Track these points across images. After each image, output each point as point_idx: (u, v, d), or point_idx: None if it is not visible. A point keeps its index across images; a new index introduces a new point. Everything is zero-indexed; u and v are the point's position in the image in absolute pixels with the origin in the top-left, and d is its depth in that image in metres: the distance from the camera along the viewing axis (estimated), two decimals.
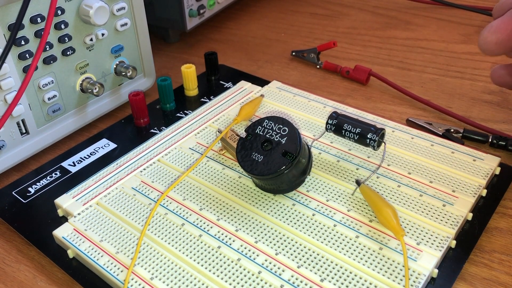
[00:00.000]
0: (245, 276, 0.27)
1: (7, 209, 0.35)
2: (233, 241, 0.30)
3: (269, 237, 0.30)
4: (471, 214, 0.31)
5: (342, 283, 0.27)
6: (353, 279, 0.27)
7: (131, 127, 0.43)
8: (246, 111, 0.39)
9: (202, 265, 0.28)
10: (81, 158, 0.39)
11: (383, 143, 0.32)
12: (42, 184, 0.37)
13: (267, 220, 0.31)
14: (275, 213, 0.31)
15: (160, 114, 0.44)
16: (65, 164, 0.38)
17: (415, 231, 0.29)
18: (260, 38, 0.58)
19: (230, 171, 0.35)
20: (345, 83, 0.48)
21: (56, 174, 0.37)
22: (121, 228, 0.31)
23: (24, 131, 0.38)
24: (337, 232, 0.29)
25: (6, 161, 0.38)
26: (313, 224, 0.30)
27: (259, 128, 0.31)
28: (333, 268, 0.27)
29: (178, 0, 0.52)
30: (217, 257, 0.29)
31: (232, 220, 0.31)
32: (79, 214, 0.32)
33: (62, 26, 0.38)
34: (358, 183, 0.32)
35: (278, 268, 0.28)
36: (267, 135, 0.31)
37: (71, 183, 0.36)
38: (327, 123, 0.33)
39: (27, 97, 0.37)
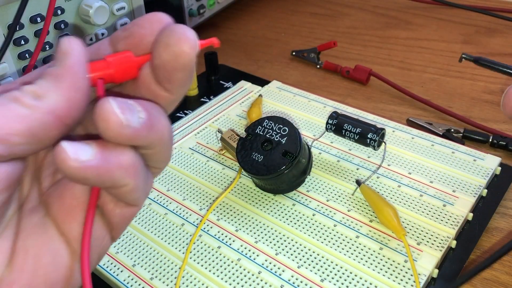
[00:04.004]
0: (245, 276, 0.27)
1: None
2: (233, 241, 0.29)
3: (269, 237, 0.30)
4: (471, 214, 0.31)
5: (342, 283, 0.27)
6: (353, 279, 0.27)
7: None
8: (256, 113, 0.39)
9: (202, 265, 0.28)
10: None
11: (383, 143, 0.32)
12: None
13: (267, 220, 0.31)
14: (275, 213, 0.31)
15: None
16: None
17: (415, 231, 0.29)
18: (260, 38, 0.58)
19: (230, 171, 0.35)
20: (345, 83, 0.48)
21: None
22: None
23: None
24: (337, 232, 0.29)
25: None
26: (313, 224, 0.30)
27: (259, 128, 0.31)
28: (333, 268, 0.27)
29: (178, 0, 0.52)
30: (217, 257, 0.29)
31: (232, 220, 0.31)
32: None
33: (62, 26, 0.37)
34: (358, 183, 0.32)
35: (278, 268, 0.28)
36: (267, 135, 0.31)
37: None
38: (327, 123, 0.33)
39: None
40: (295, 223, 0.30)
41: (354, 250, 0.28)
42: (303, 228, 0.30)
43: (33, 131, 0.16)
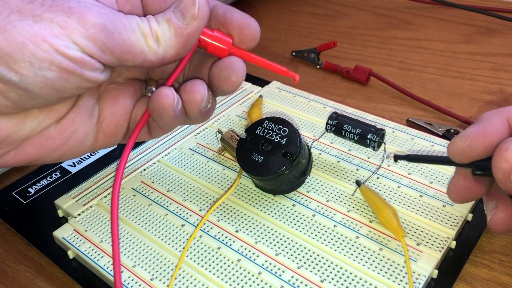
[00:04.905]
0: (245, 277, 0.27)
1: (7, 209, 0.35)
2: (233, 241, 0.30)
3: (269, 237, 0.30)
4: (471, 215, 0.31)
5: (342, 284, 0.27)
6: (353, 279, 0.27)
7: None
8: (256, 114, 0.39)
9: (202, 266, 0.28)
10: (81, 158, 0.39)
11: (383, 144, 0.32)
12: (42, 184, 0.37)
13: (267, 221, 0.31)
14: (275, 213, 0.31)
15: None
16: (65, 164, 0.38)
17: (415, 232, 0.29)
18: (260, 38, 0.58)
19: (230, 171, 0.35)
20: (345, 83, 0.48)
21: (56, 174, 0.38)
22: (121, 229, 0.31)
23: None
24: (337, 233, 0.29)
25: None
26: (313, 224, 0.30)
27: (259, 129, 0.31)
28: (333, 269, 0.27)
29: None
30: (217, 258, 0.29)
31: (232, 221, 0.31)
32: (79, 215, 0.32)
33: None
34: (358, 183, 0.32)
35: (278, 269, 0.28)
36: (267, 136, 0.31)
37: (71, 184, 0.36)
38: (327, 123, 0.33)
39: None
40: (295, 224, 0.30)
41: (354, 251, 0.28)
42: (303, 228, 0.30)
43: (142, 64, 0.22)
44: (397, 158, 0.29)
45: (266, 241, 0.29)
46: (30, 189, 0.36)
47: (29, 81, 0.20)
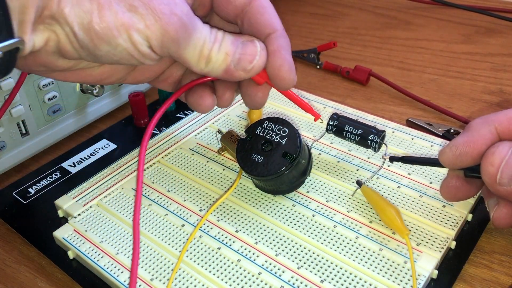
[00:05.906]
0: (245, 277, 0.27)
1: (7, 209, 0.35)
2: (233, 242, 0.30)
3: (269, 238, 0.30)
4: (471, 215, 0.31)
5: (342, 284, 0.27)
6: (353, 280, 0.27)
7: (131, 128, 0.43)
8: (256, 114, 0.39)
9: (202, 266, 0.28)
10: (81, 158, 0.39)
11: (383, 145, 0.32)
12: (42, 184, 0.37)
13: (267, 221, 0.31)
14: (275, 214, 0.31)
15: None
16: (65, 164, 0.38)
17: (415, 232, 0.29)
18: None
19: (230, 172, 0.35)
20: (345, 84, 0.48)
21: (56, 174, 0.38)
22: (121, 229, 0.31)
23: (24, 131, 0.38)
24: (337, 233, 0.30)
25: (6, 161, 0.38)
26: (313, 225, 0.30)
27: (259, 129, 0.31)
28: (333, 269, 0.27)
29: None
30: (217, 258, 0.29)
31: (232, 221, 0.31)
32: (79, 215, 0.32)
33: None
34: (359, 184, 0.32)
35: (278, 269, 0.28)
36: (267, 136, 0.31)
37: (71, 184, 0.36)
38: (328, 124, 0.33)
39: (27, 98, 0.37)
40: (295, 224, 0.30)
41: (354, 251, 0.28)
42: (303, 229, 0.30)
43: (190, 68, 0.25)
44: (392, 159, 0.31)
45: (266, 241, 0.29)
46: (30, 189, 0.36)
47: (100, 54, 0.23)
